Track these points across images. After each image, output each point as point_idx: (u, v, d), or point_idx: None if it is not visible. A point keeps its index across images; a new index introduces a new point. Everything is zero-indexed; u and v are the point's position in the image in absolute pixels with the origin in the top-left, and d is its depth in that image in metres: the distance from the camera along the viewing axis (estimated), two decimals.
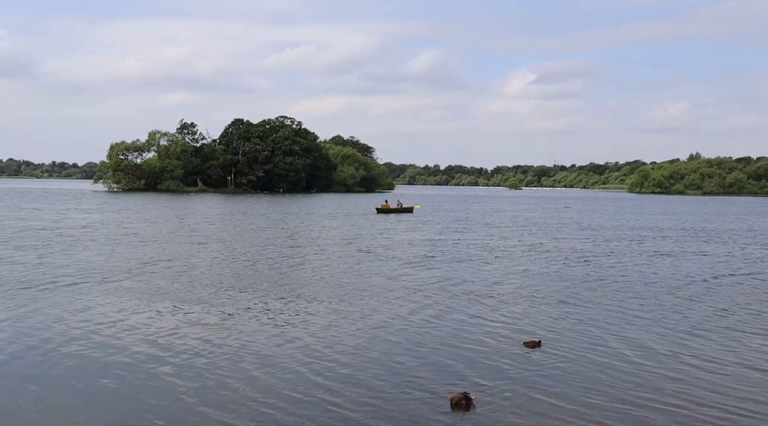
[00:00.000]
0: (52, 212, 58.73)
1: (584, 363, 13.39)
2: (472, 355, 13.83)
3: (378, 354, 13.82)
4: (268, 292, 20.73)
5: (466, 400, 10.70)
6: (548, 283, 23.38)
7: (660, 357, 13.95)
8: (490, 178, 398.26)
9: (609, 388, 11.83)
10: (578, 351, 14.26)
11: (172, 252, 30.44)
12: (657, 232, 49.73)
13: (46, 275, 22.90)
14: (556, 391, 11.65)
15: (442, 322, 16.83)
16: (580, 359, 13.66)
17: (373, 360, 13.36)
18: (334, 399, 11.04)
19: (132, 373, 12.18)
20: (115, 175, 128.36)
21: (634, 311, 18.61)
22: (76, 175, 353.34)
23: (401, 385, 11.80)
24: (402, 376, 12.32)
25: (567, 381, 12.20)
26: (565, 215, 73.20)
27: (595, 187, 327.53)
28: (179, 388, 11.43)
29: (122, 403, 10.72)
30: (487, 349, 14.36)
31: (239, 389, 11.45)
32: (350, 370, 12.67)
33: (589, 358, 13.78)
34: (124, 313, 17.07)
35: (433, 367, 12.98)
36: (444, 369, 12.85)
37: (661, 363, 13.50)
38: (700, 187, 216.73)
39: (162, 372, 12.31)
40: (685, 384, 12.18)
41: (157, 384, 11.65)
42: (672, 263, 30.12)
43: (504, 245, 37.06)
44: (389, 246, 35.00)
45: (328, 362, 13.13)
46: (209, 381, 11.86)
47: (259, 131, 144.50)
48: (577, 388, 11.80)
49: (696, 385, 12.10)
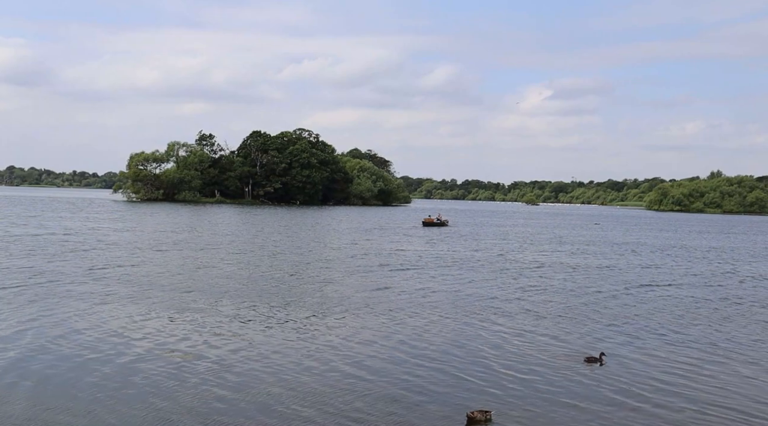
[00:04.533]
0: (72, 221, 59.15)
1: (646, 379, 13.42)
2: (512, 372, 13.70)
3: (422, 368, 13.72)
4: (308, 305, 20.70)
5: (482, 414, 10.69)
6: (617, 301, 23.20)
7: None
8: (507, 194, 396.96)
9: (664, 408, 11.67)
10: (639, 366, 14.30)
11: (203, 261, 30.50)
12: (713, 253, 49.33)
13: (68, 283, 23.00)
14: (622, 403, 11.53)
15: (485, 334, 16.74)
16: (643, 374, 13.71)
17: (412, 373, 13.28)
18: (359, 412, 10.96)
19: (155, 380, 12.15)
20: (134, 185, 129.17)
21: (690, 330, 18.41)
22: (96, 184, 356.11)
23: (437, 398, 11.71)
24: (429, 389, 12.23)
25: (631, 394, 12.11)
26: (608, 234, 72.68)
27: (613, 203, 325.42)
28: (198, 398, 11.38)
29: (144, 408, 10.69)
30: (542, 365, 14.25)
31: (257, 401, 11.39)
32: (376, 383, 12.59)
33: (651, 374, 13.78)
34: (152, 323, 17.09)
35: (461, 380, 12.87)
36: (479, 384, 12.74)
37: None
38: (720, 206, 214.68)
39: (185, 381, 12.27)
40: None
41: (180, 392, 11.61)
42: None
43: (553, 261, 36.83)
44: (458, 259, 34.92)
45: (357, 370, 13.06)
46: (229, 390, 11.81)
47: (277, 143, 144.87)
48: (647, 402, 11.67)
49: None
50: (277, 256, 34.13)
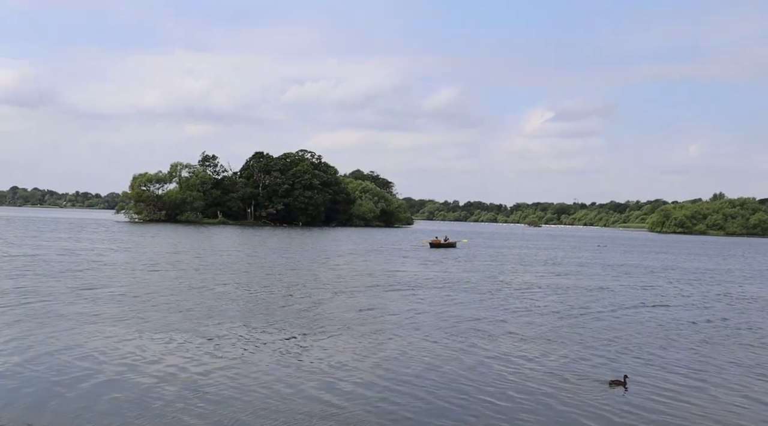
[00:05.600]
0: (69, 242, 59.21)
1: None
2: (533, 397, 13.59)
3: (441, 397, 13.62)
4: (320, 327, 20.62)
5: None
6: (624, 324, 23.11)
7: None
8: (510, 215, 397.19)
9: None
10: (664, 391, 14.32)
11: (195, 281, 30.46)
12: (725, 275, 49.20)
13: (54, 303, 22.96)
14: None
15: (495, 360, 16.64)
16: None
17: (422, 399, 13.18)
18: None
19: (117, 404, 12.06)
20: (136, 206, 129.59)
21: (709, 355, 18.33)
22: (98, 205, 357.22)
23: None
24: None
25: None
26: (605, 255, 72.53)
27: (615, 225, 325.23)
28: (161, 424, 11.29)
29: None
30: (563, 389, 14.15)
31: (261, 423, 11.35)
32: (380, 408, 12.49)
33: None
34: (149, 344, 16.98)
35: (478, 406, 12.78)
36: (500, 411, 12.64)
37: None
38: (723, 228, 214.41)
39: (149, 405, 12.16)
40: None
41: (142, 417, 11.51)
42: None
43: (557, 284, 36.67)
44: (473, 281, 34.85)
45: (356, 395, 12.97)
46: (233, 414, 11.76)
47: (280, 165, 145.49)
48: None
49: None
50: (269, 277, 34.06)
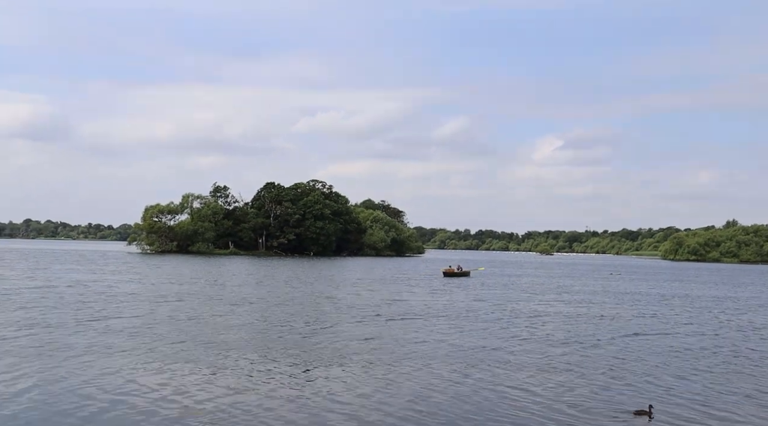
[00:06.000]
0: (79, 274, 59.82)
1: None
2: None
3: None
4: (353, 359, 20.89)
5: None
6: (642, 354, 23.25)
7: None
8: (521, 243, 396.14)
9: None
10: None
11: (201, 311, 30.82)
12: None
13: (81, 338, 23.35)
14: None
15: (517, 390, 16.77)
16: None
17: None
18: None
19: None
20: (148, 237, 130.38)
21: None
22: (111, 236, 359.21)
23: None
24: None
25: None
26: (613, 284, 72.37)
27: (628, 253, 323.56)
28: None
29: None
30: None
31: None
32: None
33: None
34: (160, 377, 17.25)
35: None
36: None
37: None
38: (737, 255, 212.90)
39: None
40: None
41: None
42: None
43: (585, 314, 36.82)
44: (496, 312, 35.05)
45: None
46: None
47: (291, 195, 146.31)
48: None
49: None
50: (278, 308, 34.37)
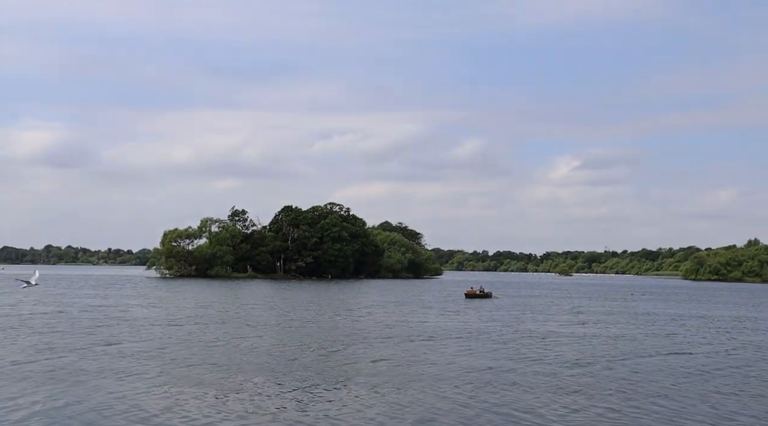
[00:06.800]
0: (95, 299, 60.24)
1: None
2: None
3: None
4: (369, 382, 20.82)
5: None
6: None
7: None
8: (540, 264, 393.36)
9: None
10: None
11: (216, 335, 30.85)
12: None
13: (98, 362, 23.45)
14: None
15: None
16: None
17: None
18: None
19: None
20: (167, 261, 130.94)
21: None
22: (130, 261, 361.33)
23: None
24: None
25: None
26: (631, 304, 71.71)
27: (648, 273, 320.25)
28: None
29: None
30: None
31: None
32: None
33: None
34: (167, 402, 17.29)
35: None
36: None
37: None
38: (760, 275, 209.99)
39: None
40: None
41: None
42: None
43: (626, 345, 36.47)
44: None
45: None
46: None
47: (308, 218, 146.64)
48: None
49: None
50: (291, 331, 34.44)
